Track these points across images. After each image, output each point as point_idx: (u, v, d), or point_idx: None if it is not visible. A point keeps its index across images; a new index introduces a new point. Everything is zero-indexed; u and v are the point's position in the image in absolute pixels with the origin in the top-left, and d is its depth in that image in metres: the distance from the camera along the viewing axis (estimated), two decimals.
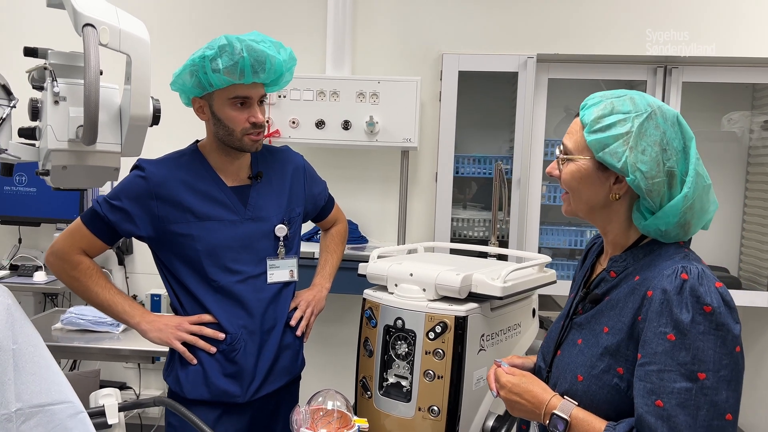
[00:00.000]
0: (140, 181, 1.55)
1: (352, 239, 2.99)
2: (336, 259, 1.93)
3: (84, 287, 1.57)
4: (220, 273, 1.59)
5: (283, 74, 1.60)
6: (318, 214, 1.90)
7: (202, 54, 1.50)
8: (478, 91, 3.13)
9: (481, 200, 3.27)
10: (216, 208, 1.60)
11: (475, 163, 3.08)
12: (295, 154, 1.83)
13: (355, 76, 2.90)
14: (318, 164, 3.19)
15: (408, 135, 2.82)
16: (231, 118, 1.55)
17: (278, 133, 2.83)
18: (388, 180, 3.12)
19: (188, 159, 1.63)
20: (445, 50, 2.97)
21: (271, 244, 1.67)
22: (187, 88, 1.56)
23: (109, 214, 1.54)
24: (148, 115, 1.15)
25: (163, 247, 1.61)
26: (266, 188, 1.69)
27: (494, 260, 1.94)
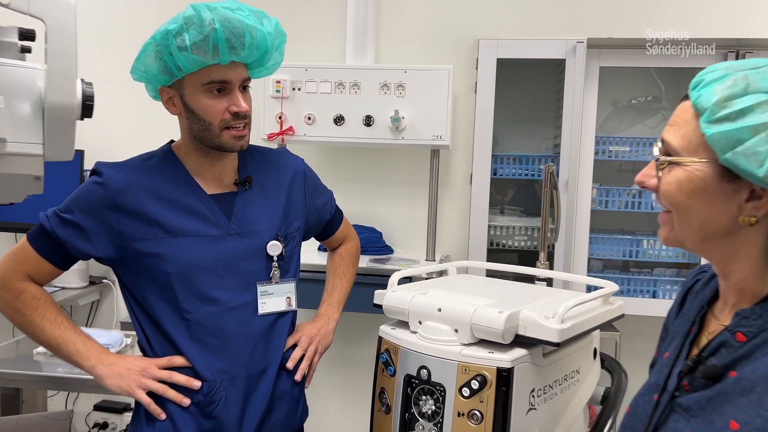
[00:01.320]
0: (97, 189, 1.26)
1: (375, 249, 2.66)
2: (346, 284, 1.60)
3: (28, 321, 1.27)
4: (195, 302, 1.28)
5: (268, 51, 1.29)
6: (323, 231, 1.58)
7: (164, 29, 1.20)
8: (517, 81, 2.78)
9: (519, 204, 2.92)
10: (191, 221, 1.29)
11: (515, 164, 2.71)
12: (294, 157, 1.51)
13: (378, 66, 2.56)
14: (337, 165, 2.89)
15: (439, 132, 2.47)
16: (206, 107, 1.25)
17: (292, 131, 2.51)
18: (415, 183, 2.78)
19: (158, 162, 1.32)
20: (482, 35, 2.62)
21: (262, 264, 1.35)
22: (152, 76, 1.26)
23: (58, 229, 1.24)
24: (73, 104, 0.84)
25: (126, 271, 1.31)
26: (257, 196, 1.37)
27: (543, 285, 1.59)
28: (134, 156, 1.34)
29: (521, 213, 2.94)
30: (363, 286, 2.32)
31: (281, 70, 2.48)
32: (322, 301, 1.57)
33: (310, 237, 1.54)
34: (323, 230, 1.57)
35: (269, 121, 2.52)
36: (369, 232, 2.72)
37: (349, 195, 2.79)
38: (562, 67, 2.63)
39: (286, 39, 1.34)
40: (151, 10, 2.79)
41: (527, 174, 2.73)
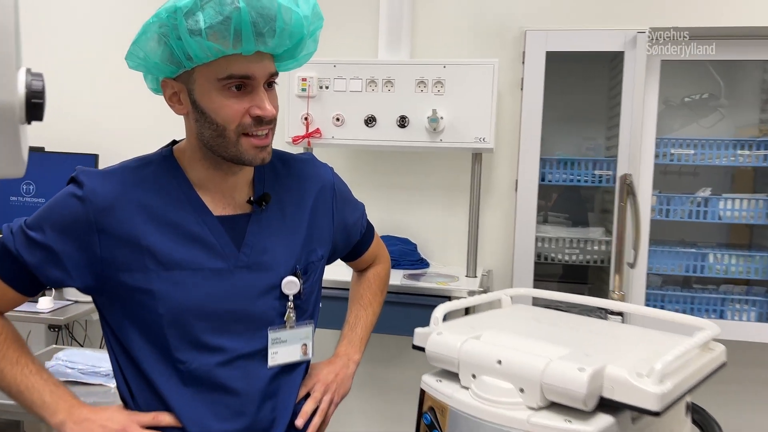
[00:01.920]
0: (75, 205, 1.01)
1: (410, 263, 2.42)
2: (372, 317, 1.35)
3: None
4: (190, 351, 1.04)
5: (303, 39, 1.04)
6: (351, 252, 1.33)
7: (172, 5, 0.95)
8: (564, 77, 2.50)
9: (562, 210, 2.68)
10: (192, 250, 1.04)
11: (565, 168, 2.44)
12: (322, 167, 1.26)
13: (414, 60, 2.32)
14: (367, 170, 2.59)
15: (482, 133, 2.22)
16: (221, 108, 0.99)
17: (319, 133, 2.28)
18: (455, 189, 2.52)
19: (155, 171, 1.07)
20: (529, 26, 2.36)
21: (275, 305, 1.10)
22: (153, 65, 1.01)
23: (24, 252, 1.01)
24: (11, 104, 0.61)
25: (108, 305, 1.07)
26: (274, 219, 1.13)
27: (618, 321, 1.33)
28: (126, 160, 1.09)
29: (565, 219, 2.68)
30: (394, 305, 2.09)
31: (307, 66, 2.25)
32: (342, 336, 1.32)
33: (334, 260, 1.31)
34: (351, 251, 1.33)
35: (294, 123, 2.29)
36: (402, 243, 2.47)
37: (381, 203, 2.56)
38: (616, 61, 2.36)
39: (322, 23, 1.09)
40: None
41: (578, 180, 2.45)
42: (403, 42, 2.38)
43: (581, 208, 2.77)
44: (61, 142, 2.71)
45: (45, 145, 2.70)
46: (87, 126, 2.72)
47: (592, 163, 2.44)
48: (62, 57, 2.74)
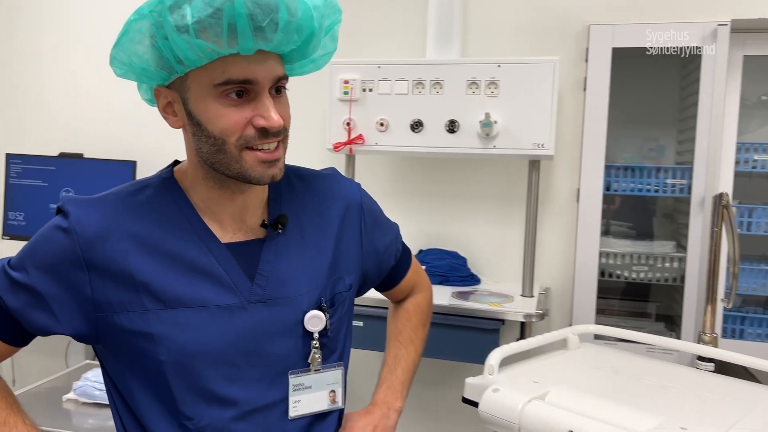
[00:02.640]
0: (60, 238, 0.87)
1: (459, 279, 2.24)
2: (414, 355, 1.17)
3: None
4: (199, 404, 0.89)
5: (314, 34, 0.87)
6: (385, 280, 1.16)
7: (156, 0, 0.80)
8: (632, 75, 2.27)
9: (626, 218, 2.44)
10: (196, 284, 0.89)
11: (632, 176, 2.21)
12: (347, 183, 1.09)
13: (466, 60, 2.13)
14: (413, 179, 2.40)
15: (540, 139, 2.01)
16: (218, 119, 0.84)
17: (362, 139, 2.12)
18: (509, 199, 2.32)
19: (152, 195, 0.93)
20: (593, 20, 2.14)
21: (296, 345, 0.94)
22: (140, 70, 0.86)
23: (7, 296, 0.88)
24: None
25: (106, 353, 0.93)
26: (293, 244, 0.97)
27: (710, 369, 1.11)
28: (119, 186, 0.95)
29: (629, 229, 2.44)
30: (441, 327, 1.92)
31: (350, 68, 2.10)
32: (380, 379, 1.14)
33: (366, 291, 1.13)
34: (385, 280, 1.16)
35: (336, 129, 2.14)
36: (451, 257, 2.29)
37: (427, 214, 2.38)
38: (691, 57, 2.12)
39: (341, 17, 0.93)
40: None
41: (648, 190, 2.22)
42: (454, 40, 2.19)
43: (647, 217, 2.53)
44: (100, 148, 2.65)
45: (83, 151, 2.65)
46: (125, 133, 2.65)
47: (663, 171, 2.21)
48: (101, 64, 2.68)
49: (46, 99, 2.76)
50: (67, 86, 2.73)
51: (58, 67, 2.73)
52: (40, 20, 2.74)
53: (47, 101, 2.76)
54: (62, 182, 2.62)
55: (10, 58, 2.78)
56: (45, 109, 2.76)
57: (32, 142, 2.76)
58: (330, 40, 0.93)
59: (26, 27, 2.76)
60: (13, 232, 2.63)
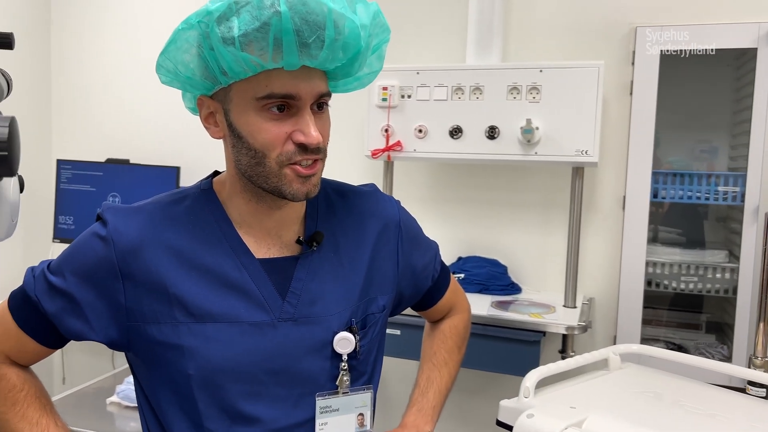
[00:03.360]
0: (99, 247, 0.88)
1: (499, 288, 2.19)
2: (447, 378, 1.14)
3: (2, 420, 0.93)
4: (223, 420, 0.89)
5: (360, 53, 0.85)
6: (421, 301, 1.13)
7: (204, 10, 0.80)
8: (680, 78, 2.18)
9: (676, 224, 2.36)
10: (229, 300, 0.89)
11: (681, 183, 2.13)
12: (386, 201, 1.07)
13: (506, 65, 2.09)
14: (452, 185, 2.36)
15: (584, 145, 1.95)
16: (258, 132, 0.84)
17: (400, 146, 2.10)
18: (551, 206, 2.26)
19: (190, 206, 0.93)
20: (640, 22, 2.07)
21: (325, 366, 0.93)
22: (185, 79, 0.86)
23: (44, 299, 0.89)
24: None
25: (137, 362, 0.94)
26: (327, 262, 0.96)
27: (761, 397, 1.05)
28: (159, 195, 0.96)
29: (678, 236, 2.35)
30: (480, 337, 1.88)
31: (388, 74, 2.09)
32: (411, 402, 1.11)
33: (401, 311, 1.11)
34: (422, 300, 1.13)
35: (374, 135, 2.13)
36: (491, 265, 2.25)
37: (467, 221, 2.35)
38: (745, 58, 2.04)
39: (389, 36, 0.92)
40: None
41: (698, 197, 2.13)
42: (495, 45, 2.15)
43: (697, 223, 2.43)
44: (145, 154, 2.71)
45: (130, 157, 2.71)
46: (169, 139, 2.70)
47: (714, 178, 2.12)
48: (147, 73, 2.74)
49: (95, 107, 2.84)
50: (114, 95, 2.80)
51: (107, 77, 2.81)
52: (90, 33, 2.82)
53: (96, 109, 2.84)
54: (109, 187, 2.69)
55: (63, 69, 2.87)
56: (94, 117, 2.84)
57: (81, 149, 2.85)
58: (376, 58, 0.92)
59: (78, 40, 2.84)
60: (63, 235, 2.72)
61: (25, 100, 2.75)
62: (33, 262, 0.97)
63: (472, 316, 1.24)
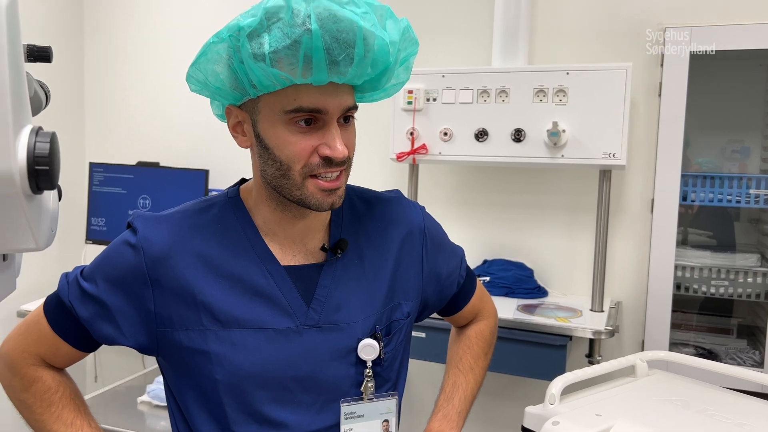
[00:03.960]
0: (127, 253, 0.91)
1: (525, 291, 2.18)
2: (473, 384, 1.14)
3: (38, 422, 0.96)
4: (250, 425, 0.90)
5: (388, 69, 0.86)
6: (447, 307, 1.14)
7: (235, 24, 0.82)
8: (711, 79, 2.15)
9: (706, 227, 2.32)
10: (255, 306, 0.91)
11: (711, 186, 2.09)
12: (411, 207, 1.07)
13: (532, 67, 2.08)
14: (478, 188, 2.36)
15: (611, 148, 1.94)
16: (286, 145, 0.85)
17: (425, 149, 2.11)
18: (578, 209, 2.25)
19: (217, 214, 0.95)
20: (669, 22, 2.04)
21: (349, 373, 0.94)
22: (214, 89, 0.88)
23: (77, 305, 0.92)
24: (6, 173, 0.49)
25: (166, 366, 0.96)
26: (351, 269, 0.97)
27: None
28: (188, 203, 0.98)
29: (709, 239, 2.31)
30: (505, 341, 1.88)
31: (414, 78, 2.09)
32: (436, 407, 1.12)
33: (426, 317, 1.12)
34: (447, 306, 1.14)
35: (399, 139, 2.13)
36: (517, 269, 2.24)
37: (493, 224, 2.34)
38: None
39: (417, 49, 0.92)
40: None
41: (728, 200, 2.09)
42: (520, 47, 2.14)
43: (728, 225, 2.39)
44: (175, 158, 2.76)
45: (160, 160, 2.76)
46: (198, 143, 2.75)
47: (746, 180, 2.08)
48: (176, 79, 2.79)
49: (126, 112, 2.90)
50: (145, 99, 2.86)
51: (138, 82, 2.86)
52: (123, 38, 2.89)
53: (127, 114, 2.90)
54: (140, 189, 2.74)
55: (96, 74, 2.94)
56: (125, 121, 2.90)
57: (113, 152, 2.91)
58: (404, 70, 0.93)
59: (110, 45, 2.90)
60: (95, 237, 2.78)
61: (58, 105, 2.82)
62: (67, 263, 1.01)
63: (498, 320, 1.24)
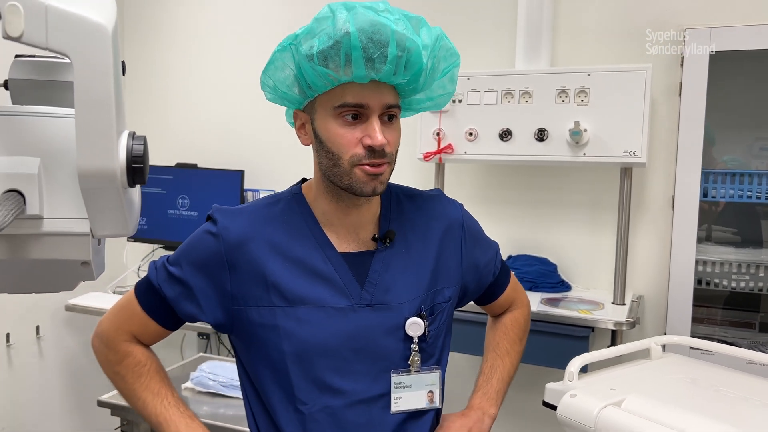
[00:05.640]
0: (210, 241, 1.04)
1: (549, 285, 2.26)
2: (509, 367, 1.25)
3: (130, 391, 1.10)
4: (313, 391, 1.02)
5: (422, 69, 0.97)
6: (483, 295, 1.24)
7: (294, 33, 0.96)
8: (734, 77, 2.19)
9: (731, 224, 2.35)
10: (316, 287, 1.03)
11: (732, 182, 2.14)
12: (450, 204, 1.19)
13: (555, 69, 2.15)
14: (502, 186, 2.45)
15: (632, 146, 2.00)
16: (335, 137, 0.98)
17: (451, 149, 2.19)
18: (600, 206, 2.31)
19: (285, 208, 1.08)
20: (689, 23, 2.09)
21: (398, 348, 1.06)
22: (282, 94, 1.03)
23: (165, 286, 1.06)
24: (111, 170, 0.60)
25: (239, 342, 1.09)
26: (398, 257, 1.09)
27: None
28: (258, 199, 1.12)
29: (733, 236, 2.35)
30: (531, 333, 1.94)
31: None
32: (476, 387, 1.23)
33: (465, 304, 1.23)
34: (484, 295, 1.24)
35: (426, 139, 2.23)
36: (541, 264, 2.31)
37: (517, 221, 2.42)
38: None
39: (459, 61, 1.04)
40: None
41: (749, 197, 2.14)
42: (543, 50, 2.22)
43: (753, 222, 2.42)
44: (212, 159, 2.89)
45: (197, 162, 2.89)
46: (234, 146, 2.87)
47: (766, 177, 2.12)
48: (213, 84, 2.92)
49: (165, 114, 3.04)
50: (183, 104, 3.00)
51: (176, 85, 3.01)
52: (163, 41, 3.03)
53: (167, 116, 3.04)
54: (179, 190, 2.88)
55: (136, 77, 3.09)
56: (165, 124, 3.05)
57: (153, 154, 3.03)
58: (449, 81, 1.04)
59: (150, 47, 3.05)
60: (136, 235, 2.92)
61: None
62: (110, 260, 1.13)
63: (530, 310, 1.34)
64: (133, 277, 3.03)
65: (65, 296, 2.72)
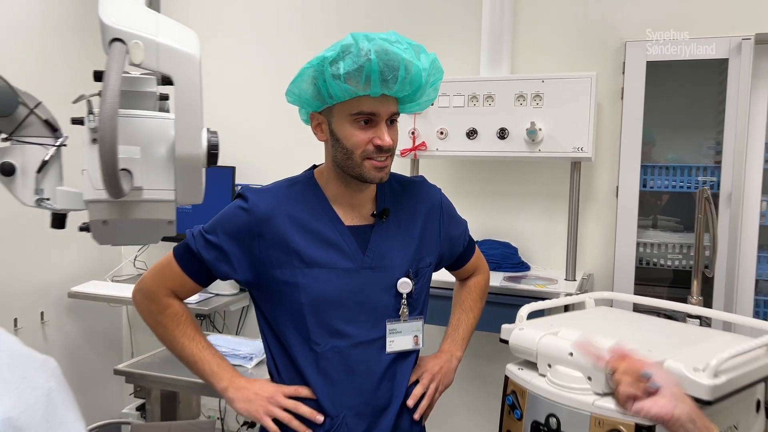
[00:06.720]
0: (242, 215, 1.29)
1: (510, 266, 2.56)
2: (473, 320, 1.55)
3: (170, 336, 1.36)
4: (325, 335, 1.30)
5: (421, 87, 1.26)
6: (454, 262, 1.54)
7: (322, 56, 1.22)
8: (671, 84, 2.53)
9: (674, 214, 2.67)
10: (328, 252, 1.31)
11: (667, 175, 2.48)
12: (432, 188, 1.49)
13: (514, 76, 2.46)
14: (469, 179, 2.83)
15: (580, 143, 2.32)
16: (350, 136, 1.25)
17: (424, 146, 2.49)
18: (554, 196, 2.63)
19: (301, 189, 1.35)
20: (629, 37, 2.42)
21: (392, 302, 1.34)
22: (304, 100, 1.29)
23: (203, 250, 1.31)
24: (198, 155, 0.87)
25: (263, 296, 1.35)
26: (392, 230, 1.37)
27: (695, 325, 1.41)
28: (278, 180, 1.38)
29: (677, 224, 2.69)
30: (495, 305, 2.25)
31: None
32: (446, 335, 1.53)
33: (440, 269, 1.52)
34: (455, 262, 1.54)
35: (402, 138, 2.51)
36: (503, 247, 2.62)
37: (482, 210, 2.72)
38: (723, 67, 2.36)
39: (442, 75, 1.32)
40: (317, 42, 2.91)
41: (682, 186, 2.47)
42: (504, 59, 2.53)
43: (690, 211, 2.76)
44: None
45: None
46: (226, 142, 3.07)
47: (696, 169, 2.46)
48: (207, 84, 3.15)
49: None
50: None
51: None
52: None
53: None
54: None
55: None
56: None
57: None
58: (433, 90, 1.32)
59: None
60: None
61: None
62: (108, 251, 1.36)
63: (489, 287, 1.64)
64: (129, 267, 3.24)
65: (68, 284, 2.93)
